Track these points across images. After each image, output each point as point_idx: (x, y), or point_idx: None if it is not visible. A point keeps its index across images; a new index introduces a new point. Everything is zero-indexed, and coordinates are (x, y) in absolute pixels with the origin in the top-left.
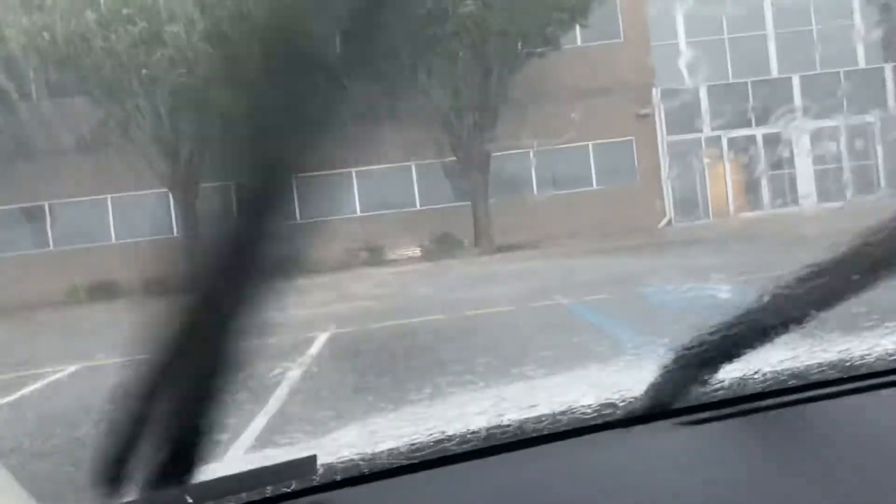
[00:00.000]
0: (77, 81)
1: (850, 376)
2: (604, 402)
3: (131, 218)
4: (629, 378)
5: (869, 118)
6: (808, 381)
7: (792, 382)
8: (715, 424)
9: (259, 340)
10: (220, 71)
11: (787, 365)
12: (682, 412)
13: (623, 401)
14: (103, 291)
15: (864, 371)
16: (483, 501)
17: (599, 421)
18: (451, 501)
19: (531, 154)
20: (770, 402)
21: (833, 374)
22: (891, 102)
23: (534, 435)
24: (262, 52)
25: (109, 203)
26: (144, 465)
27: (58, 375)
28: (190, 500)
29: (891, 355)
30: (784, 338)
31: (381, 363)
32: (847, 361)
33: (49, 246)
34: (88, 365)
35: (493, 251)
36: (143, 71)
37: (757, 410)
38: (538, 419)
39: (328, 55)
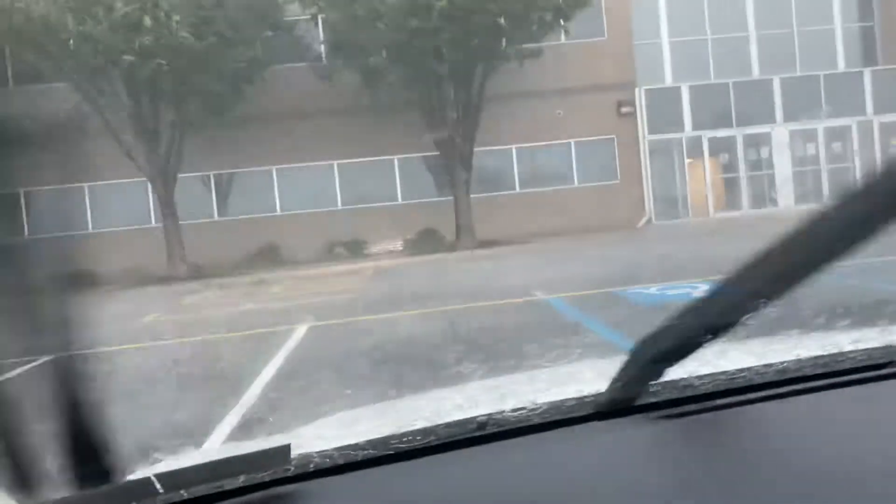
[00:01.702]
0: (54, 67)
1: (813, 374)
2: (571, 396)
3: (109, 207)
4: (600, 373)
5: (847, 121)
6: (773, 380)
7: (756, 380)
8: (679, 420)
9: None
10: (202, 59)
11: (752, 362)
12: (648, 408)
13: (591, 396)
14: (80, 281)
15: (829, 369)
16: (455, 494)
17: (568, 416)
18: (424, 494)
19: (513, 150)
20: (735, 398)
21: (797, 373)
22: (868, 106)
23: (504, 429)
24: (245, 41)
25: (87, 191)
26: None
27: (32, 365)
28: (160, 490)
29: (856, 352)
30: (748, 335)
31: (358, 356)
32: (812, 359)
33: (24, 235)
34: (63, 355)
35: (475, 246)
36: (124, 57)
37: (722, 407)
38: (510, 413)
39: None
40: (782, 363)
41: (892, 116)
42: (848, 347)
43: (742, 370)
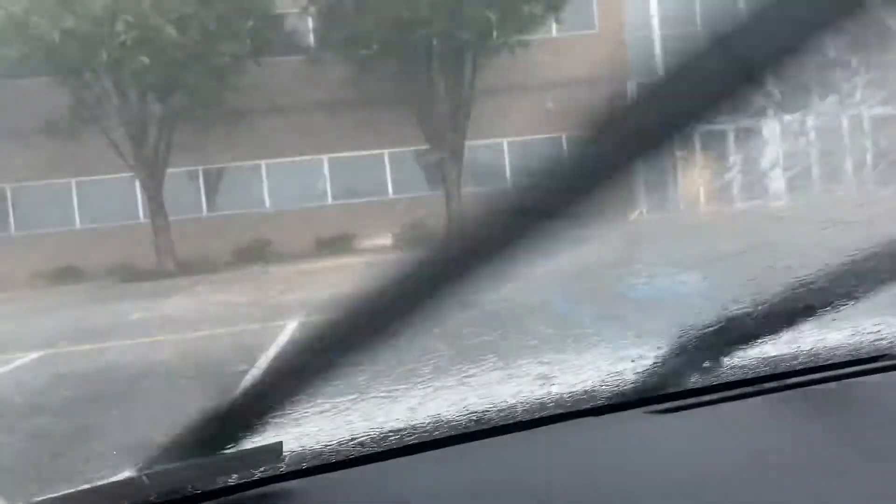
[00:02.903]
0: (40, 61)
1: (818, 366)
2: (575, 390)
3: (97, 202)
4: (600, 367)
5: (838, 114)
6: (777, 371)
7: (761, 372)
8: (684, 413)
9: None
10: (188, 53)
11: (755, 355)
12: (653, 401)
13: (594, 390)
14: (68, 277)
15: (834, 360)
16: (450, 489)
17: (571, 409)
18: (419, 490)
19: (504, 144)
20: (739, 391)
21: (802, 364)
22: (859, 99)
23: (503, 423)
24: (231, 34)
25: (74, 187)
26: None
27: (19, 362)
28: (152, 487)
29: (864, 344)
30: (756, 329)
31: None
32: (817, 352)
33: (11, 230)
34: (51, 352)
35: None
36: (108, 52)
37: (725, 399)
38: (509, 408)
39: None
40: (794, 353)
41: (882, 109)
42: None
43: (764, 360)
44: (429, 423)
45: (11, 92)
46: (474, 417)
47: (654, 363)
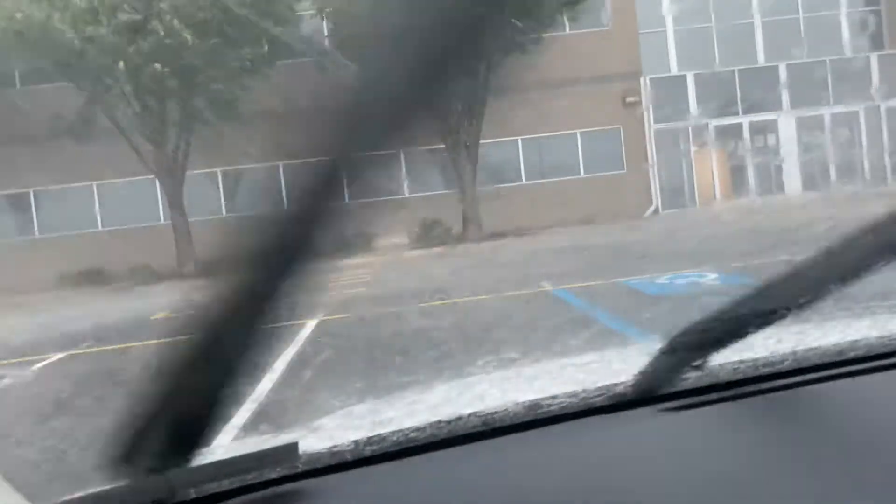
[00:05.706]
0: (62, 67)
1: (828, 363)
2: (587, 388)
3: (118, 205)
4: (614, 365)
5: (854, 107)
6: (791, 368)
7: (774, 368)
8: (697, 410)
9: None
10: (206, 58)
11: (770, 351)
12: (666, 398)
13: (607, 387)
14: (90, 278)
15: (848, 356)
16: (467, 488)
17: (583, 407)
18: (436, 488)
19: (519, 142)
20: (752, 388)
21: (815, 360)
22: (875, 92)
23: (519, 422)
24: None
25: (95, 190)
26: (153, 445)
27: (45, 363)
28: (170, 487)
29: (880, 340)
30: (768, 324)
31: (367, 351)
32: (830, 347)
33: (34, 233)
34: (75, 353)
35: (481, 239)
36: (128, 59)
37: (739, 397)
38: (523, 406)
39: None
40: (807, 349)
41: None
42: (873, 333)
43: (772, 357)
44: (444, 423)
45: (33, 98)
46: (493, 416)
47: (665, 360)
